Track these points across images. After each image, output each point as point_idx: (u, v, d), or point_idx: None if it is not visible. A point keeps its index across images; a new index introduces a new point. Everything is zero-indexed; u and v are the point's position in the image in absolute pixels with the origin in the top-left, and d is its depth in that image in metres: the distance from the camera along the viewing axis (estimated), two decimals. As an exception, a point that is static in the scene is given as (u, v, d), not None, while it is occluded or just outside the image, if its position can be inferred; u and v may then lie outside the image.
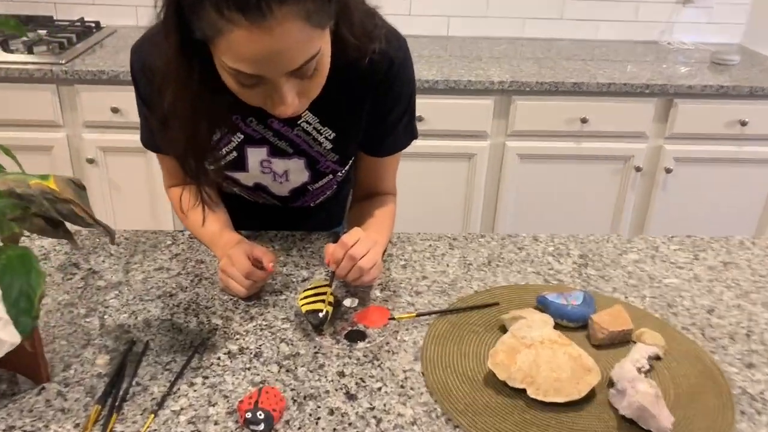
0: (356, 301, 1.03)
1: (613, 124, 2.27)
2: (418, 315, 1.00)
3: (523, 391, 0.85)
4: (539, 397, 0.83)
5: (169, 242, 1.18)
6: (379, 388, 0.86)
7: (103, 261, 1.12)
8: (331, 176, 1.14)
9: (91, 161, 2.23)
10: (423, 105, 1.88)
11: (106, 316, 0.98)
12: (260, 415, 0.79)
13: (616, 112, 2.25)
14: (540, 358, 0.86)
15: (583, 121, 2.24)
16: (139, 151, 1.98)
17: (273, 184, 1.14)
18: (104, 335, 0.94)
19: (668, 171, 2.33)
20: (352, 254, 0.94)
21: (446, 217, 2.40)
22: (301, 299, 0.98)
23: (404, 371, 0.89)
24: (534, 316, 0.94)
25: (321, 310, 0.95)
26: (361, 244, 0.96)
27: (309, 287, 1.01)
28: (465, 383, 0.87)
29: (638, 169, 2.34)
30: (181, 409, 0.82)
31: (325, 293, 0.98)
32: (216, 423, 0.80)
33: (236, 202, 1.21)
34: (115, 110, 2.15)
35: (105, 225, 0.81)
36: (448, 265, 1.14)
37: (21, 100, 2.13)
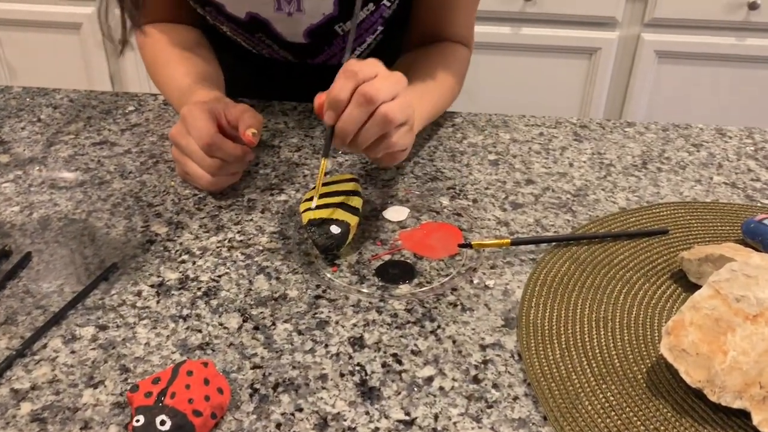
0: (405, 212, 0.59)
1: (795, 13, 1.73)
2: (515, 243, 0.54)
3: (743, 414, 0.39)
4: (783, 437, 0.37)
5: (131, 108, 0.77)
6: (430, 380, 0.43)
7: (23, 128, 0.72)
8: (372, 5, 0.68)
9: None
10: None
11: (-17, 209, 0.58)
12: (163, 424, 0.37)
13: (800, -5, 1.71)
14: (783, 347, 0.39)
15: (752, 6, 1.71)
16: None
17: (277, 18, 0.69)
18: (-35, 239, 0.55)
19: None
20: (367, 92, 0.49)
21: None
22: (306, 202, 0.55)
23: (483, 347, 0.45)
24: (754, 259, 0.46)
25: (335, 222, 0.52)
26: (383, 80, 0.50)
27: (323, 183, 0.58)
28: (610, 384, 0.42)
29: (822, 79, 1.78)
30: (31, 388, 0.41)
31: (346, 193, 0.55)
32: (85, 426, 0.39)
33: (231, 57, 0.78)
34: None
35: None
36: (572, 164, 0.67)
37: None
